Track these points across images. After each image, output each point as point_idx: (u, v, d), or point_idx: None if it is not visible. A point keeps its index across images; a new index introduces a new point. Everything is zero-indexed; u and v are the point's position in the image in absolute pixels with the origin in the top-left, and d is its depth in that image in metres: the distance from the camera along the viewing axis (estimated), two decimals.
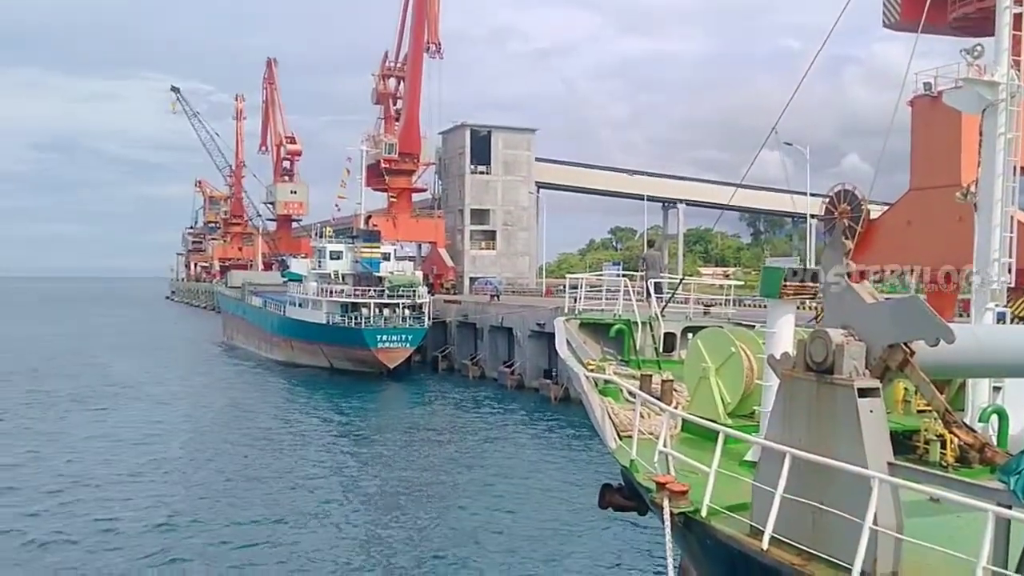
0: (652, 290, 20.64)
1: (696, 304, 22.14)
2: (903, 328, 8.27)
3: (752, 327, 16.10)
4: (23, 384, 50.22)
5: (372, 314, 59.15)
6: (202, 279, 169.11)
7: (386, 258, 64.42)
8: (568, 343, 17.70)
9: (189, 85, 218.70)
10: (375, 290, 60.61)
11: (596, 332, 19.18)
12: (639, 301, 19.50)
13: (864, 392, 8.10)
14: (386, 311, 59.60)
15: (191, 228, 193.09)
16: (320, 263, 65.69)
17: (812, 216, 54.96)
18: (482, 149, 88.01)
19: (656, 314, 19.05)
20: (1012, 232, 12.50)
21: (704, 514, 9.38)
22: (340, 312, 60.07)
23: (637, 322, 18.58)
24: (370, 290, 60.66)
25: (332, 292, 61.43)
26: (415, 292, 61.06)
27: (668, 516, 9.63)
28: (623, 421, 13.33)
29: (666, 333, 18.93)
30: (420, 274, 69.28)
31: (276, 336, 68.32)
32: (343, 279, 63.52)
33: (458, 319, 61.94)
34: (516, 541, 21.94)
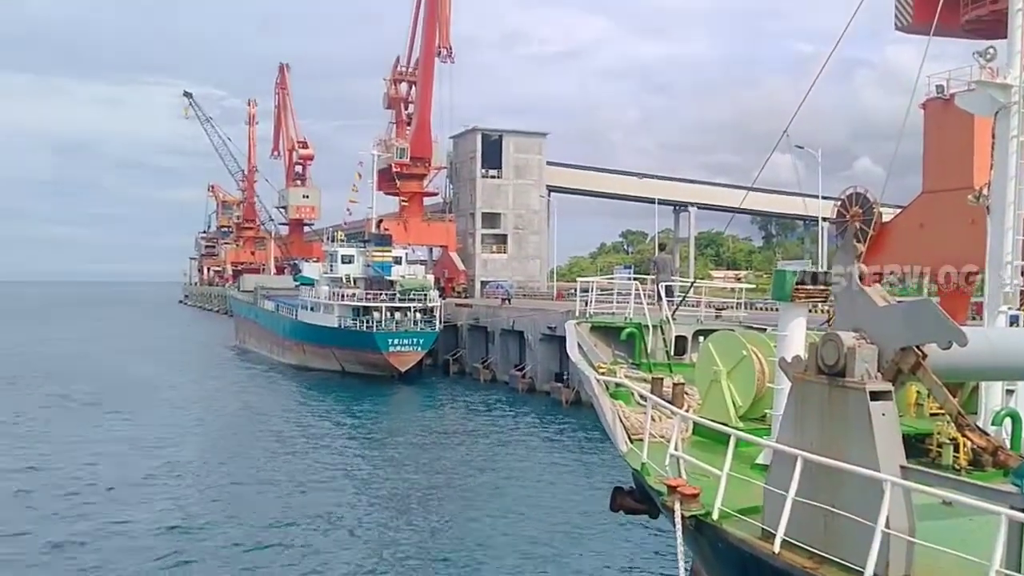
0: (663, 293, 20.62)
1: (707, 307, 22.12)
2: (915, 331, 8.25)
3: (763, 330, 16.08)
4: (38, 387, 50.56)
5: (383, 318, 59.24)
6: (215, 283, 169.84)
7: (397, 262, 64.58)
8: (579, 346, 17.71)
9: (202, 90, 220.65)
10: (386, 294, 60.68)
11: (607, 335, 19.19)
12: (650, 304, 19.50)
13: (876, 395, 8.08)
14: (397, 315, 59.68)
15: (204, 232, 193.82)
16: (332, 267, 65.90)
17: (824, 219, 54.82)
18: (493, 153, 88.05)
19: (667, 317, 19.03)
20: None
21: (716, 517, 9.37)
22: (352, 316, 60.19)
23: (648, 325, 18.57)
24: (381, 294, 60.73)
25: (344, 296, 61.60)
26: (426, 296, 61.13)
27: (679, 519, 9.62)
28: (634, 424, 13.34)
29: (677, 336, 18.89)
30: (431, 278, 69.32)
31: (288, 340, 68.50)
32: (355, 283, 63.67)
33: (469, 322, 61.99)
34: (527, 544, 21.94)
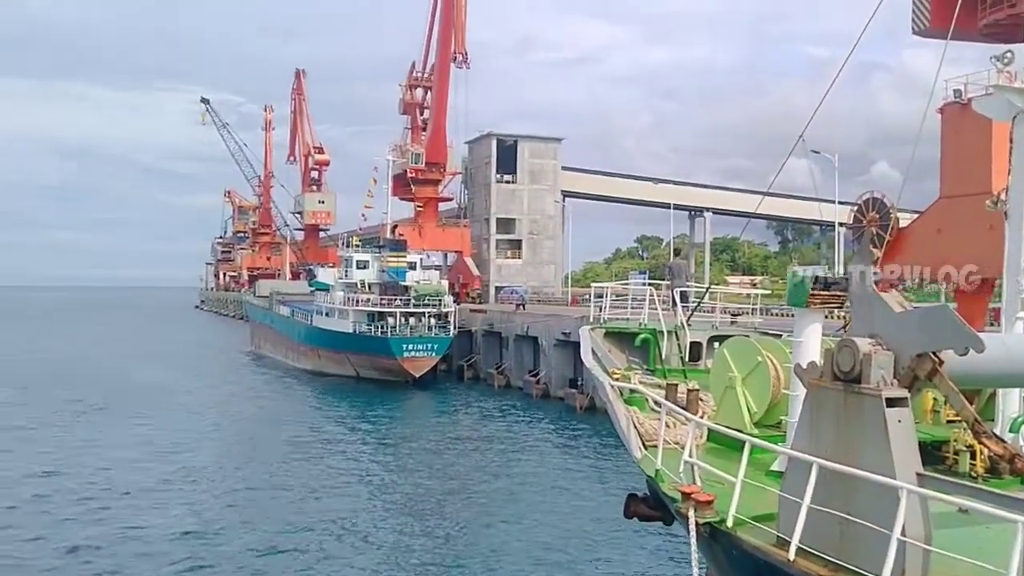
0: (678, 299, 20.55)
1: (722, 313, 22.03)
2: (932, 337, 8.17)
3: (779, 336, 15.99)
4: (54, 392, 50.86)
5: (398, 323, 59.33)
6: (231, 288, 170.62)
7: (412, 267, 64.60)
8: (593, 352, 17.64)
9: (219, 96, 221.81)
10: (401, 299, 60.76)
11: (621, 341, 19.13)
12: (665, 310, 19.44)
13: (892, 402, 8.01)
14: (412, 320, 59.73)
15: (220, 238, 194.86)
16: (347, 272, 66.06)
17: (840, 224, 54.55)
18: (508, 158, 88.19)
19: (682, 323, 18.96)
20: None
21: (730, 524, 9.31)
22: (366, 321, 60.28)
23: (663, 331, 18.50)
24: (396, 299, 60.81)
25: (358, 301, 61.69)
26: (441, 301, 61.16)
27: (694, 526, 9.57)
28: (648, 430, 13.28)
29: (692, 342, 18.80)
30: (446, 283, 69.38)
31: (303, 345, 68.70)
32: (369, 288, 63.78)
33: (484, 328, 61.98)
34: (541, 550, 21.89)
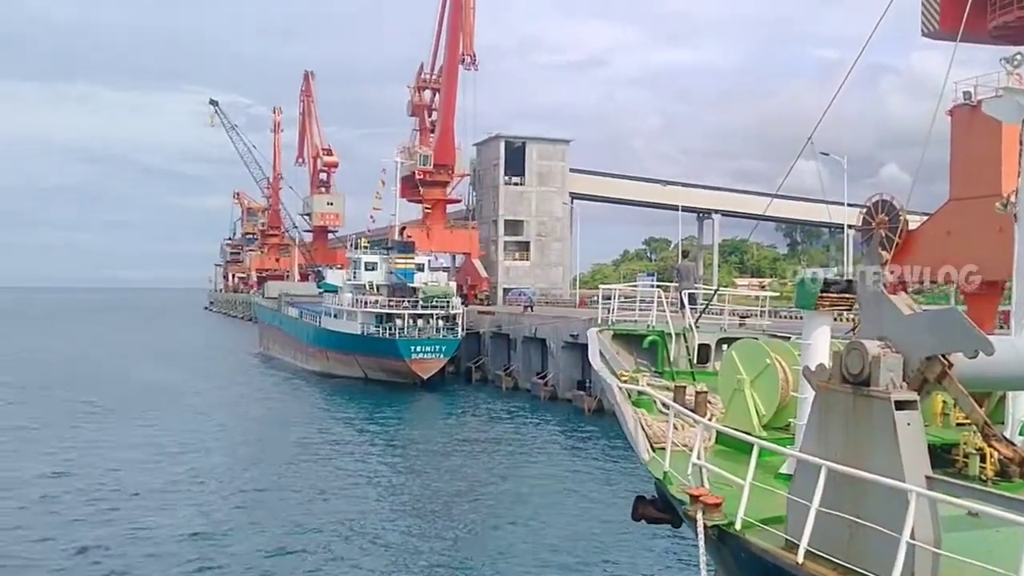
0: (686, 301, 20.52)
1: (731, 315, 21.99)
2: (941, 340, 8.14)
3: (787, 339, 15.96)
4: (63, 393, 51.10)
5: (406, 325, 59.40)
6: (239, 290, 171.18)
7: (420, 269, 64.75)
8: (601, 354, 17.62)
9: (228, 98, 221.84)
10: (409, 301, 60.87)
11: (629, 343, 19.11)
12: (673, 312, 19.41)
13: (901, 405, 7.98)
14: (420, 322, 59.82)
15: (229, 239, 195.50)
16: (355, 274, 66.20)
17: (850, 227, 54.42)
18: (516, 160, 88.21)
19: (690, 325, 18.93)
20: None
21: (738, 527, 9.29)
22: (374, 323, 60.38)
23: (671, 333, 18.48)
24: (404, 301, 60.93)
25: (367, 303, 61.82)
26: (449, 303, 61.21)
27: (702, 529, 9.54)
28: (656, 433, 13.25)
29: (700, 344, 18.77)
30: (454, 285, 69.46)
31: (312, 347, 68.85)
32: (378, 290, 63.93)
33: (491, 330, 62.01)
34: (549, 552, 21.88)
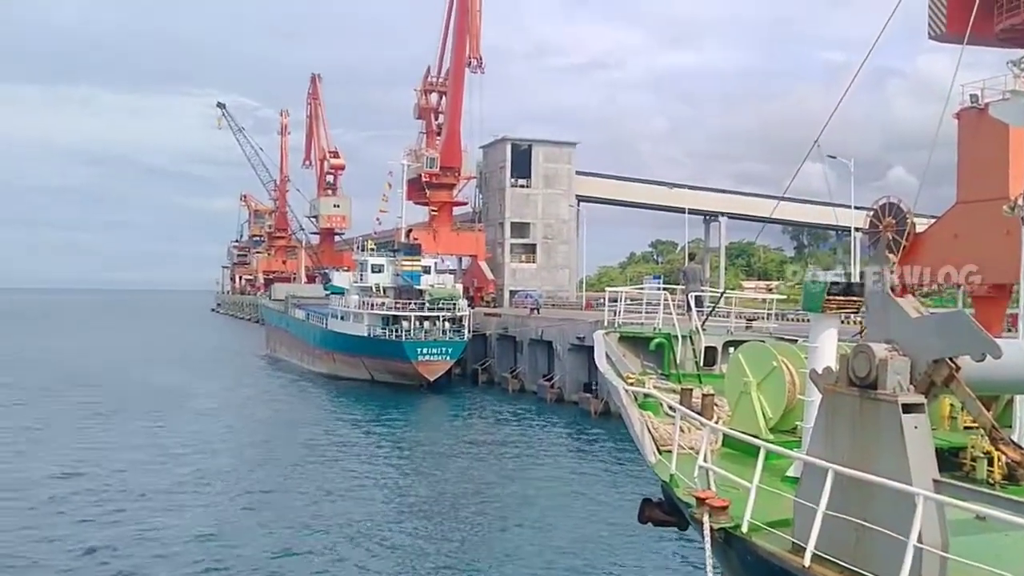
0: (692, 303, 20.51)
1: (738, 318, 21.96)
2: (948, 343, 8.13)
3: (794, 341, 15.95)
4: (71, 395, 51.25)
5: (413, 327, 59.47)
6: (247, 292, 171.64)
7: (427, 271, 64.74)
8: (608, 356, 17.63)
9: (235, 100, 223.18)
10: (416, 303, 60.95)
11: (636, 346, 19.10)
12: (680, 315, 19.41)
13: (908, 408, 7.97)
14: (426, 324, 59.86)
15: (236, 241, 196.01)
16: (362, 276, 66.24)
17: (857, 230, 54.25)
18: (522, 162, 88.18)
19: (697, 328, 18.93)
20: None
21: (745, 530, 9.28)
22: (381, 325, 60.45)
23: (677, 336, 18.48)
24: (411, 303, 60.99)
25: (373, 305, 61.85)
26: (455, 305, 61.27)
27: (708, 532, 9.54)
28: (663, 435, 13.26)
29: (707, 347, 18.77)
30: (460, 287, 69.47)
31: (318, 349, 68.92)
32: (384, 292, 63.97)
33: (498, 332, 62.03)
34: (555, 554, 21.88)
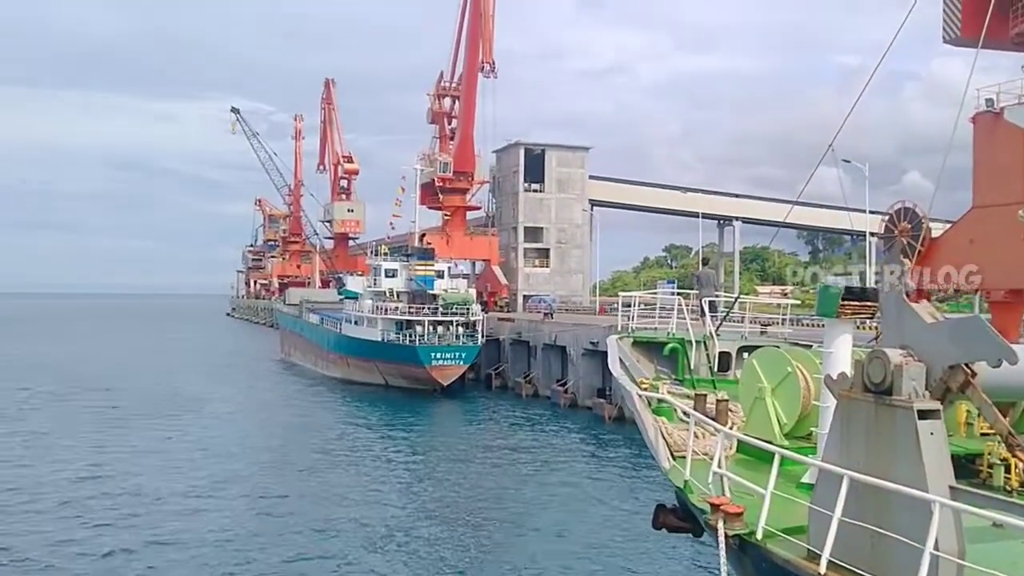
0: (706, 308, 20.47)
1: (752, 323, 21.90)
2: (964, 349, 8.08)
3: (809, 347, 15.89)
4: (87, 399, 51.57)
5: (426, 331, 59.46)
6: (261, 296, 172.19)
7: (440, 276, 64.71)
8: (621, 361, 17.61)
9: (250, 105, 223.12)
10: (429, 308, 60.93)
11: (650, 351, 19.09)
12: (693, 320, 19.37)
13: (924, 414, 7.93)
14: (440, 328, 59.84)
15: (251, 246, 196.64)
16: (375, 281, 66.28)
17: (872, 234, 54.00)
18: (536, 167, 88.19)
19: (711, 333, 18.89)
20: None
21: (760, 536, 9.25)
22: (395, 329, 60.47)
23: (691, 341, 18.45)
24: (424, 307, 60.99)
25: (387, 310, 61.92)
26: (469, 310, 61.25)
27: (723, 538, 9.51)
28: (677, 441, 13.23)
29: (721, 352, 18.72)
30: (474, 292, 69.44)
31: (332, 353, 69.05)
32: (398, 297, 64.02)
33: (511, 337, 61.98)
34: (570, 559, 21.83)
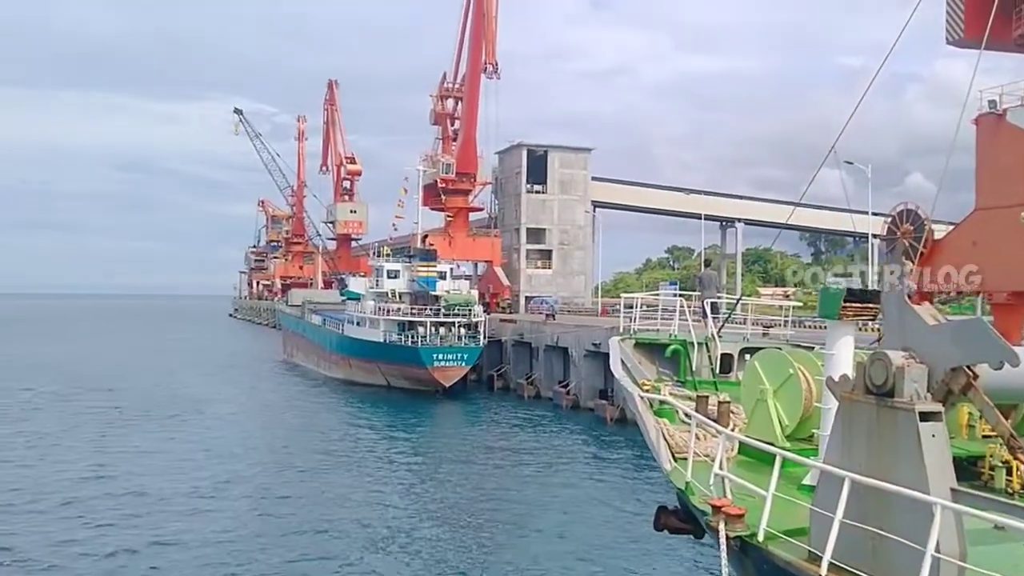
0: (708, 310, 20.46)
1: (754, 325, 21.90)
2: (966, 351, 8.08)
3: (811, 348, 15.88)
4: (92, 399, 51.59)
5: (428, 333, 59.44)
6: (264, 297, 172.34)
7: (442, 277, 64.65)
8: (623, 363, 17.61)
9: (253, 106, 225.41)
10: (431, 309, 60.92)
11: (652, 352, 19.09)
12: (695, 321, 19.37)
13: (926, 416, 7.93)
14: (442, 330, 59.82)
15: (254, 247, 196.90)
16: (378, 282, 66.29)
17: (874, 236, 53.96)
18: (538, 168, 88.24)
19: (713, 334, 18.89)
20: None
21: (761, 538, 9.25)
22: (397, 330, 60.45)
23: (693, 342, 18.45)
24: (426, 309, 60.98)
25: (389, 311, 61.93)
26: (471, 311, 61.23)
27: (724, 540, 9.51)
28: (678, 443, 13.24)
29: (723, 354, 18.73)
30: (476, 293, 69.43)
31: (335, 354, 69.08)
32: (400, 298, 64.02)
33: (513, 338, 61.98)
34: (572, 560, 21.82)
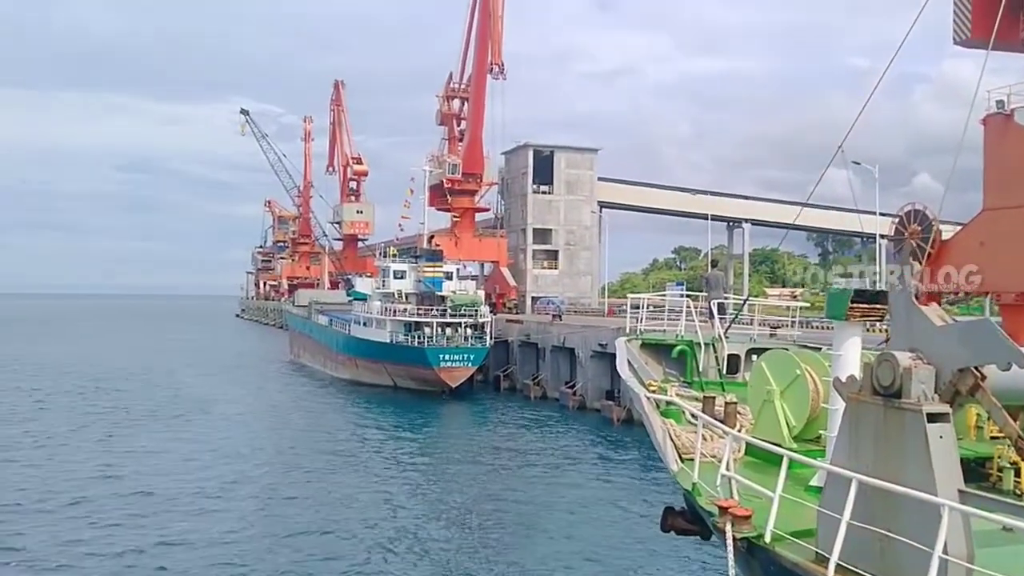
0: (715, 310, 20.42)
1: (761, 325, 21.86)
2: (974, 352, 8.07)
3: (818, 349, 15.85)
4: (99, 400, 51.80)
5: (435, 333, 59.48)
6: (271, 297, 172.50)
7: (448, 277, 64.66)
8: (630, 364, 17.60)
9: (260, 107, 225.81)
10: (438, 309, 60.91)
11: (658, 353, 19.07)
12: (702, 322, 19.35)
13: (933, 417, 7.91)
14: (448, 330, 59.83)
15: (261, 247, 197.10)
16: (384, 282, 66.35)
17: (882, 236, 53.83)
18: (545, 169, 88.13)
19: (719, 335, 18.86)
20: None
21: (768, 540, 9.25)
22: (403, 331, 60.51)
23: (700, 343, 18.43)
24: (433, 309, 60.98)
25: (395, 311, 61.97)
26: (477, 311, 61.21)
27: (731, 541, 9.52)
28: (685, 443, 13.23)
29: (730, 355, 18.69)
30: (482, 293, 69.43)
31: (341, 354, 69.15)
32: (406, 298, 64.03)
33: (520, 339, 61.98)
34: (576, 562, 21.82)
